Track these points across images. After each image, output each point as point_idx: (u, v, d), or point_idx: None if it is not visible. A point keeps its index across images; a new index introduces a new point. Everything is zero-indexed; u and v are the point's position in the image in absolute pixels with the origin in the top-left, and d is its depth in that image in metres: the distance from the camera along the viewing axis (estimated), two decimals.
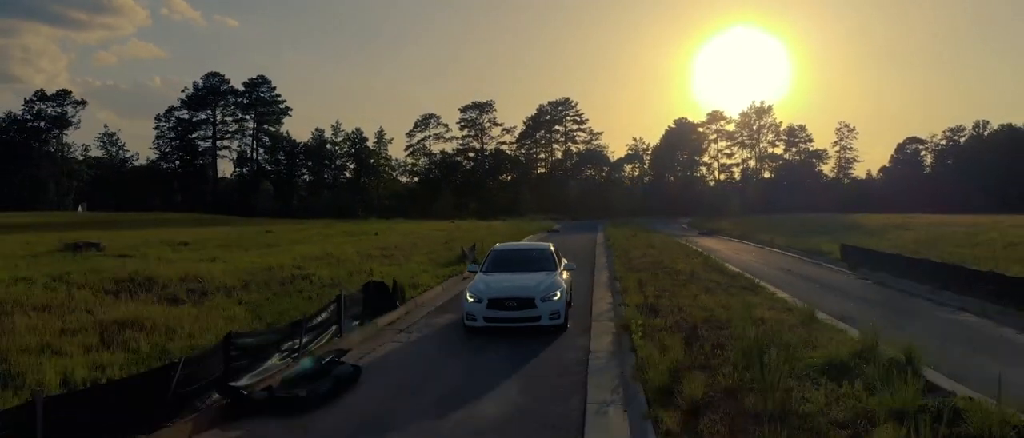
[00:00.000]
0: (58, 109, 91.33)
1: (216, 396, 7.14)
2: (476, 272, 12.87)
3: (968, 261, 18.37)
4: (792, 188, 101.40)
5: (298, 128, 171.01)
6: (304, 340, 9.11)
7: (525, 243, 22.43)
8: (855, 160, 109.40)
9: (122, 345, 8.57)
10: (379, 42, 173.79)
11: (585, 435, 6.18)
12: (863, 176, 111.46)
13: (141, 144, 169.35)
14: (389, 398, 7.69)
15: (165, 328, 9.44)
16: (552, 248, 14.00)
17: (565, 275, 12.77)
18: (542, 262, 13.00)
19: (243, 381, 7.51)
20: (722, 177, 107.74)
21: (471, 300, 11.42)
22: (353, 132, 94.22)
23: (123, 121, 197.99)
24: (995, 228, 28.08)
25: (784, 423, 5.79)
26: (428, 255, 22.27)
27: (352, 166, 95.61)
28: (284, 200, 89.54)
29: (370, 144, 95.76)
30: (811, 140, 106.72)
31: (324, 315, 9.98)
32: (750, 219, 55.55)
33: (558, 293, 11.44)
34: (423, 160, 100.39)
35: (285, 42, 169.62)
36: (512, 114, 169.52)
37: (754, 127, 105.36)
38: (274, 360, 8.36)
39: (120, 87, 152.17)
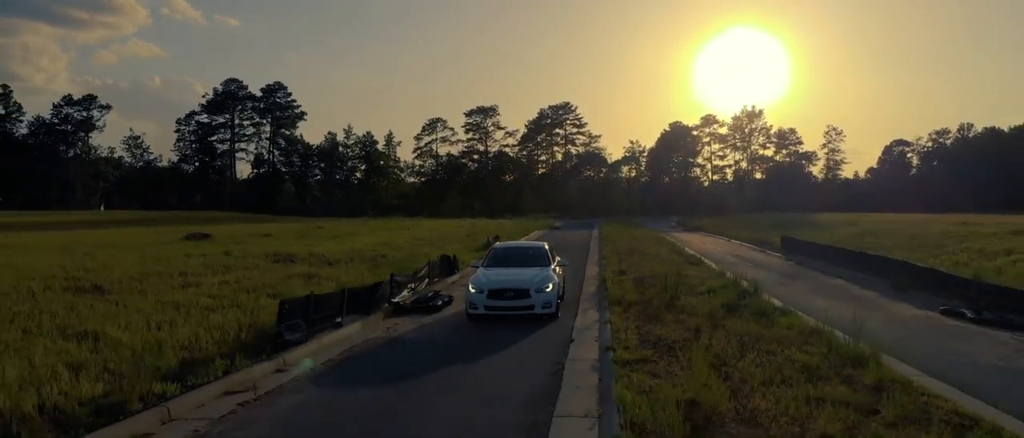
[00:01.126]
0: (84, 113, 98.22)
1: (384, 305, 14.05)
2: (478, 267, 14.53)
3: (870, 248, 25.22)
4: (783, 188, 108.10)
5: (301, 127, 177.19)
6: (416, 284, 16.08)
7: (522, 242, 24.66)
8: (843, 161, 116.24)
9: (316, 284, 15.46)
10: (382, 43, 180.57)
11: (577, 314, 13.09)
12: (851, 177, 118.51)
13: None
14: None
15: (331, 278, 16.33)
16: (547, 247, 15.73)
17: (558, 270, 14.35)
18: (537, 259, 14.64)
19: (396, 299, 14.45)
20: (715, 178, 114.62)
21: (474, 291, 12.95)
22: (364, 135, 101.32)
23: (123, 121, 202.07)
24: (914, 223, 35.10)
25: (669, 306, 12.70)
26: (459, 243, 29.23)
27: (363, 167, 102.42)
28: (300, 199, 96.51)
29: (380, 147, 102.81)
30: (801, 142, 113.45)
31: (422, 272, 16.93)
32: (736, 217, 62.42)
33: (550, 285, 13.00)
34: (430, 162, 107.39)
35: (286, 43, 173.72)
36: (514, 117, 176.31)
37: (746, 130, 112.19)
38: (404, 292, 15.27)
39: (120, 86, 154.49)
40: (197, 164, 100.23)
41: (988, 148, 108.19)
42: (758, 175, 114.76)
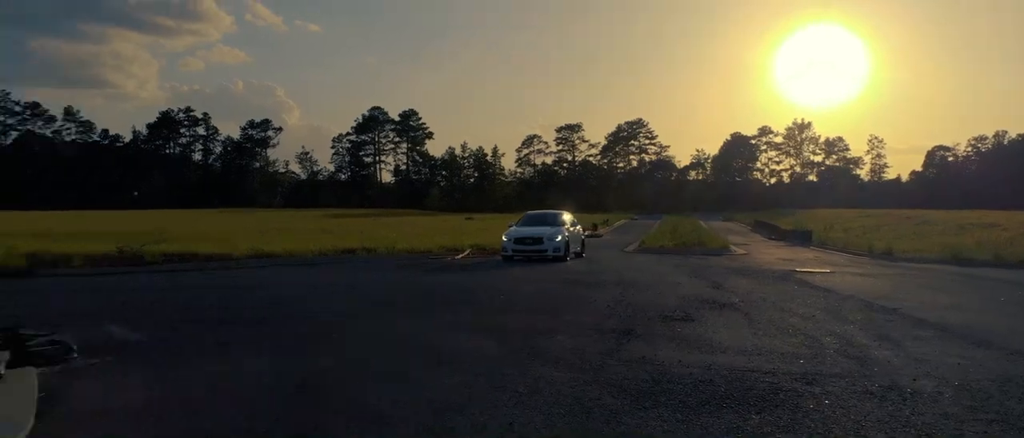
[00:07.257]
0: (263, 134, 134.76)
1: None
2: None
3: (791, 227, 53.82)
4: (833, 189, 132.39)
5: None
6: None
7: (545, 210, 30.33)
8: (886, 166, 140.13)
9: None
10: (470, 48, 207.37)
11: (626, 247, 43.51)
12: (894, 178, 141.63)
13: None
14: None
15: None
16: (565, 215, 22.92)
17: (570, 230, 21.22)
18: (553, 221, 21.91)
19: None
20: (772, 181, 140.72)
21: (505, 240, 20.29)
22: (477, 149, 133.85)
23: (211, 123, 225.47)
24: (846, 216, 63.34)
25: (674, 239, 42.82)
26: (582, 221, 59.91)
27: (475, 175, 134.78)
28: (442, 200, 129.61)
29: (488, 158, 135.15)
30: (847, 148, 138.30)
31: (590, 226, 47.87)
32: (770, 211, 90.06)
33: (559, 237, 20.09)
34: (528, 169, 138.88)
35: (367, 47, 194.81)
36: (596, 131, 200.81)
37: (797, 139, 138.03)
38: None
39: (205, 92, 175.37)
40: (349, 173, 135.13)
41: (1022, 153, 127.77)
42: (811, 177, 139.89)
